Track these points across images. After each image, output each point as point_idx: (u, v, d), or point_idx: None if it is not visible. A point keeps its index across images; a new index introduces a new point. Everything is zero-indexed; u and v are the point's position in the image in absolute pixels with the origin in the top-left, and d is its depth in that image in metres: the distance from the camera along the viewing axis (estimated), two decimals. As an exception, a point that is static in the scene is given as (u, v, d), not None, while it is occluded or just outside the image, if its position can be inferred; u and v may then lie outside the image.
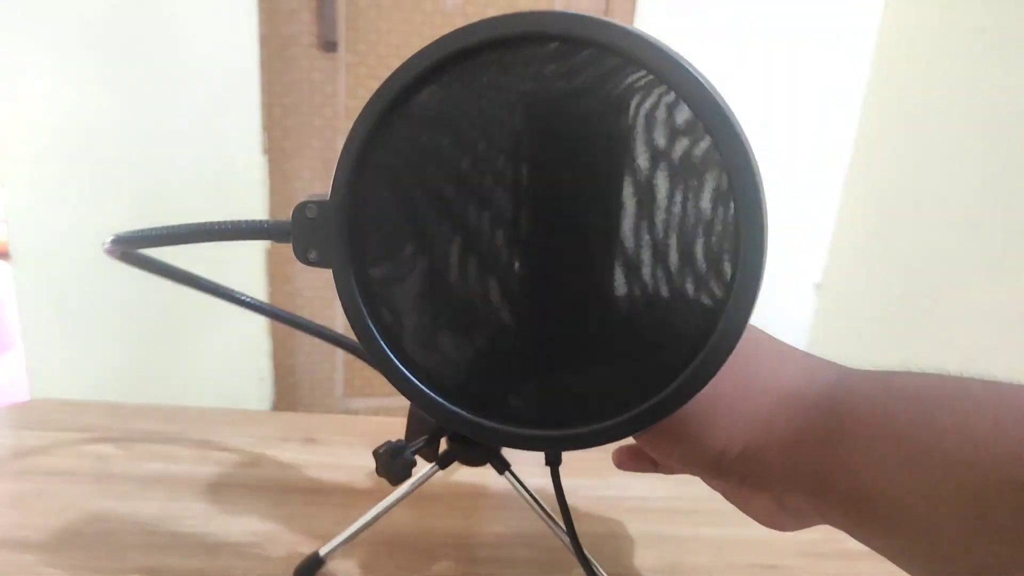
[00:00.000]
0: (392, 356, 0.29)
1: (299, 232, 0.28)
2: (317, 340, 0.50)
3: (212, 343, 1.56)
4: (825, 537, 0.53)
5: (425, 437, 0.42)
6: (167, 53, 1.39)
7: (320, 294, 1.56)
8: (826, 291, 1.64)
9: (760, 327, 0.30)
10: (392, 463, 0.40)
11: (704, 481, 0.32)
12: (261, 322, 1.53)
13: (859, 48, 1.54)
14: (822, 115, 1.58)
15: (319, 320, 0.48)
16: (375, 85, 0.26)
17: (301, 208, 0.28)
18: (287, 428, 0.66)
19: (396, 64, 0.26)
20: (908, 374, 0.27)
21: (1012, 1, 1.14)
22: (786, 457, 0.28)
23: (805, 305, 1.65)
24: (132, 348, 1.55)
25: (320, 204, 0.27)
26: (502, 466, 0.44)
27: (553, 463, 0.36)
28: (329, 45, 1.41)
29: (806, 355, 0.30)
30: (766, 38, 1.52)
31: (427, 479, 0.44)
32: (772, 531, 0.33)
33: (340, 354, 1.61)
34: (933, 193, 1.32)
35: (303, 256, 0.28)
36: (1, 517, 0.51)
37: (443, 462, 0.43)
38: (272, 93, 1.43)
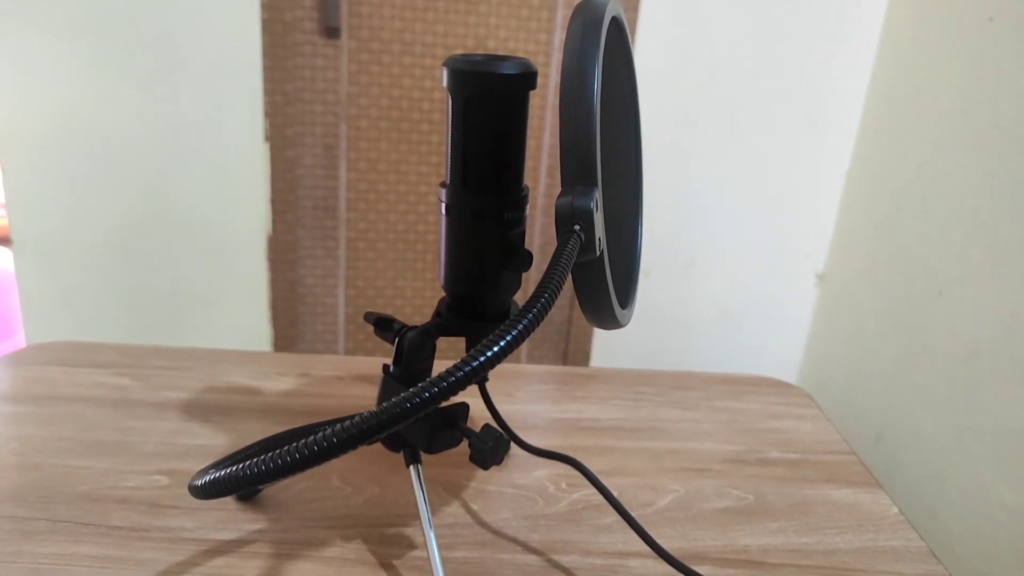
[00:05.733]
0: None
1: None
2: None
3: (213, 334, 1.56)
4: (749, 448, 0.63)
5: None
6: (169, 40, 1.38)
7: (322, 282, 1.55)
8: (829, 282, 1.63)
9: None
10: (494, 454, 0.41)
11: None
12: (262, 313, 1.53)
13: (864, 37, 1.53)
14: (826, 104, 1.57)
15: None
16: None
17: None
18: (285, 365, 0.73)
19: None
20: None
21: (1021, -10, 1.13)
22: None
23: (807, 296, 1.65)
24: (133, 336, 1.55)
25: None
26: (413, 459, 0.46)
27: (482, 382, 0.46)
28: (331, 31, 1.40)
29: None
30: (770, 25, 1.51)
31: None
32: (703, 444, 0.37)
33: (341, 346, 1.61)
34: (938, 184, 1.31)
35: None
36: (36, 432, 0.58)
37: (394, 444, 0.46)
38: (274, 80, 1.42)
